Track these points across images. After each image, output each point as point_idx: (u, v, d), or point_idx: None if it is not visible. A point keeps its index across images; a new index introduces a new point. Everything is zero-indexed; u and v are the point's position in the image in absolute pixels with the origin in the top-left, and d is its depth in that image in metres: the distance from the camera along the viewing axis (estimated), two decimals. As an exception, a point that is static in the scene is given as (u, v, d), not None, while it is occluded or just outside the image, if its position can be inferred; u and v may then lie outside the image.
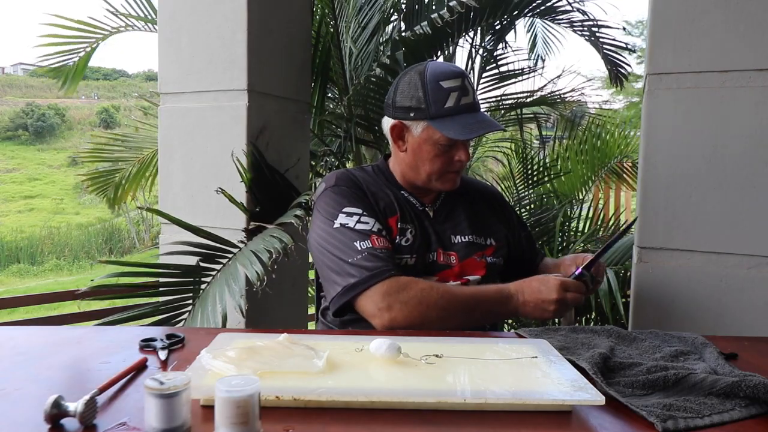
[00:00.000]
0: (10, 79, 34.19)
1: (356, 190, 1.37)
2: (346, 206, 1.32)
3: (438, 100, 1.32)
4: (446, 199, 1.46)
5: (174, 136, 2.10)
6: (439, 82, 1.32)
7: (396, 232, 1.34)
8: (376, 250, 1.25)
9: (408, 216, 1.38)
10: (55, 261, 14.15)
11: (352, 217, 1.30)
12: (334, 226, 1.30)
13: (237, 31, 1.96)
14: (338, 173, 1.43)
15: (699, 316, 1.56)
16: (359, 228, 1.28)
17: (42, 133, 26.94)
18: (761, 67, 1.48)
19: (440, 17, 2.43)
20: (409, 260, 1.33)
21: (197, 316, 1.65)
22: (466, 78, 1.35)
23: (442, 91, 1.32)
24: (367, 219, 1.31)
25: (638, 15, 16.35)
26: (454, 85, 1.32)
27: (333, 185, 1.38)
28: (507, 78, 3.78)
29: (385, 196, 1.39)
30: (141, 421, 0.70)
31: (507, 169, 3.71)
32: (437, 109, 1.32)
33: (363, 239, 1.26)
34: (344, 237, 1.28)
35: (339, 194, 1.35)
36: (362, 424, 0.74)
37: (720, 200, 1.53)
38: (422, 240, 1.37)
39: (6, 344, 1.03)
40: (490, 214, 1.51)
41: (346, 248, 1.26)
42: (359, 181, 1.40)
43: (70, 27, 3.14)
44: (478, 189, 1.58)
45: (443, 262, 1.37)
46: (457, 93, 1.31)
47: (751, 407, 0.80)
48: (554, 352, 0.96)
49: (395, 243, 1.33)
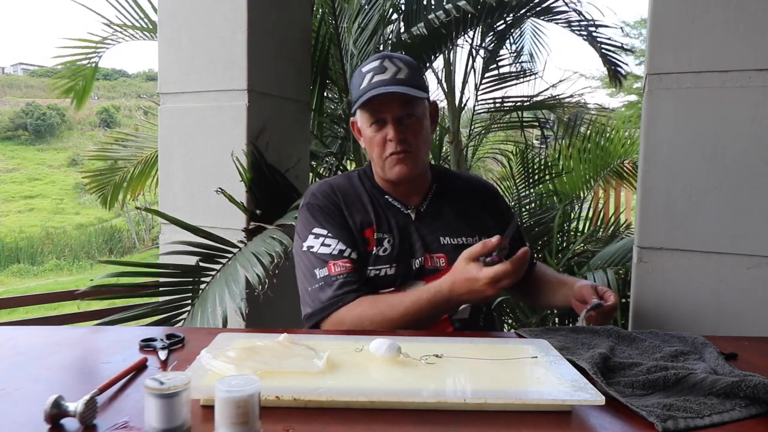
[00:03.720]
0: (10, 79, 34.19)
1: (330, 206, 1.36)
2: (315, 226, 1.34)
3: (356, 86, 1.34)
4: (434, 199, 1.43)
5: (174, 136, 2.11)
6: (360, 69, 1.35)
7: (373, 244, 1.34)
8: (331, 278, 1.28)
9: (386, 225, 1.36)
10: (55, 261, 14.15)
11: (318, 238, 1.33)
12: (303, 249, 1.34)
13: (237, 31, 1.96)
14: (317, 187, 1.42)
15: (699, 316, 1.56)
16: (321, 252, 1.31)
17: (42, 133, 26.93)
18: (761, 67, 1.48)
19: (438, 19, 2.44)
20: (388, 270, 1.33)
21: (197, 316, 1.65)
22: (387, 58, 1.33)
23: (360, 75, 1.34)
24: (330, 241, 1.31)
25: (636, 15, 16.33)
26: (372, 67, 1.33)
27: (308, 202, 1.39)
28: (507, 79, 3.79)
29: (362, 207, 1.37)
30: (141, 421, 0.70)
31: (507, 169, 3.71)
32: (356, 94, 1.34)
33: (321, 266, 1.29)
34: (308, 262, 1.32)
35: (311, 212, 1.36)
36: (362, 424, 0.74)
37: (720, 200, 1.52)
38: (402, 248, 1.35)
39: (6, 344, 1.03)
40: (481, 210, 1.47)
41: (308, 274, 1.31)
42: (336, 196, 1.38)
43: (76, 46, 3.26)
44: (470, 183, 1.53)
45: (431, 267, 1.35)
46: (372, 73, 1.32)
47: (751, 407, 0.80)
48: (554, 352, 0.96)
49: (372, 254, 1.33)
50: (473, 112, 3.89)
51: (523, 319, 2.82)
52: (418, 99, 1.33)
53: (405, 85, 1.30)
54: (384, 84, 1.29)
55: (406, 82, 1.31)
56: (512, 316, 2.96)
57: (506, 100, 3.83)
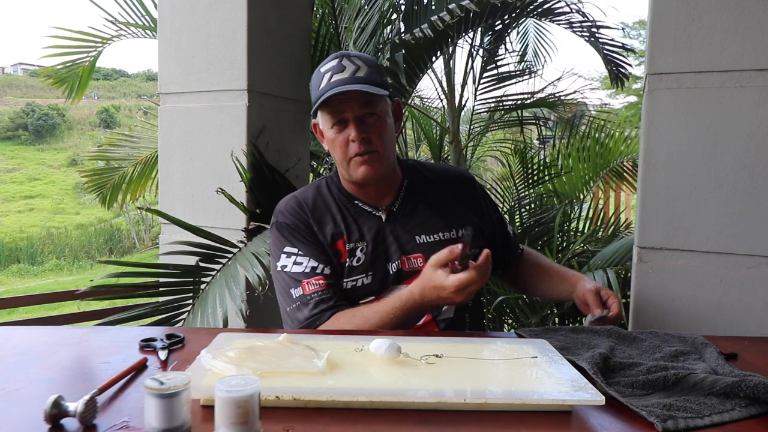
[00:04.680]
0: (10, 79, 34.19)
1: (298, 224, 1.34)
2: (286, 245, 1.33)
3: (315, 86, 1.31)
4: (406, 197, 1.39)
5: (174, 136, 2.11)
6: (319, 69, 1.32)
7: (345, 255, 1.32)
8: (306, 297, 1.27)
9: (357, 233, 1.33)
10: (55, 261, 14.14)
11: (290, 257, 1.31)
12: (277, 269, 1.33)
13: (237, 31, 1.96)
14: (283, 204, 1.39)
15: (699, 316, 1.56)
16: (294, 272, 1.30)
17: (42, 133, 26.93)
18: (761, 67, 1.48)
19: (440, 20, 2.44)
20: (364, 279, 1.31)
21: (197, 316, 1.66)
22: (345, 57, 1.30)
23: (319, 75, 1.31)
24: (302, 259, 1.30)
25: (636, 16, 16.32)
26: (330, 66, 1.30)
27: (276, 221, 1.37)
28: (506, 79, 3.79)
29: (331, 219, 1.34)
30: (141, 421, 0.70)
31: (506, 169, 3.71)
32: (315, 95, 1.31)
33: (296, 286, 1.29)
34: (283, 282, 1.31)
35: (280, 231, 1.35)
36: (362, 424, 0.74)
37: (720, 200, 1.52)
38: (376, 254, 1.32)
39: (6, 344, 1.03)
40: (457, 202, 1.42)
41: (285, 293, 1.31)
42: (304, 212, 1.35)
43: (72, 38, 3.21)
44: (443, 175, 1.48)
45: (409, 269, 1.32)
46: (330, 72, 1.29)
47: (751, 407, 0.80)
48: (554, 352, 0.96)
49: (346, 265, 1.31)
50: (472, 111, 3.90)
51: (523, 319, 2.82)
52: (378, 97, 1.29)
53: (364, 83, 1.26)
54: (343, 83, 1.26)
55: (366, 80, 1.27)
56: (512, 316, 2.96)
57: (505, 99, 3.83)
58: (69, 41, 3.21)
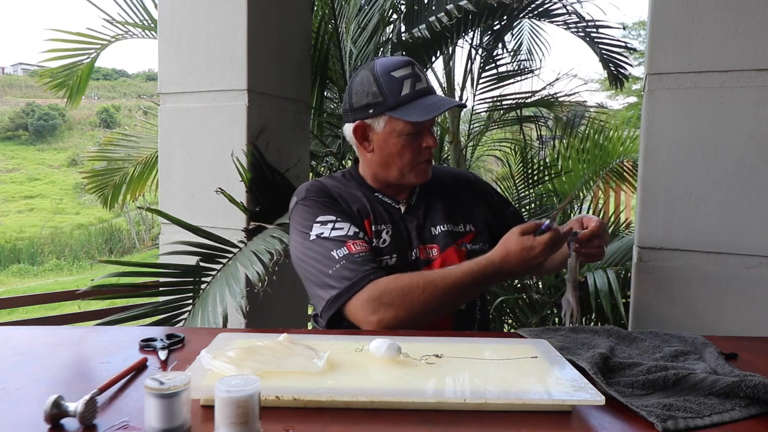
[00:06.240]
0: (10, 79, 34.17)
1: (326, 198, 1.36)
2: (319, 215, 1.31)
3: (393, 90, 1.31)
4: (422, 193, 1.44)
5: (174, 136, 2.11)
6: (390, 73, 1.33)
7: (371, 235, 1.34)
8: (354, 256, 1.24)
9: (381, 217, 1.37)
10: (55, 261, 14.14)
11: (326, 225, 1.30)
12: (311, 239, 1.29)
13: (237, 31, 1.96)
14: (307, 185, 1.41)
15: (699, 316, 1.56)
16: (334, 236, 1.27)
17: (42, 133, 26.92)
18: (761, 67, 1.48)
19: (439, 21, 2.44)
20: (389, 261, 1.32)
21: (197, 316, 1.65)
22: (415, 65, 1.34)
23: (395, 80, 1.32)
24: (341, 224, 1.29)
25: (635, 17, 16.32)
26: (406, 73, 1.32)
27: (303, 198, 1.37)
28: (505, 78, 3.80)
29: (357, 200, 1.37)
30: (141, 421, 0.70)
31: (507, 169, 3.71)
32: (395, 99, 1.31)
33: (339, 247, 1.25)
34: (321, 248, 1.27)
35: (310, 205, 1.34)
36: (362, 424, 0.74)
37: (720, 200, 1.53)
38: (400, 239, 1.36)
39: (6, 344, 1.03)
40: (467, 198, 1.48)
41: (324, 259, 1.26)
42: (329, 189, 1.38)
43: (71, 40, 3.20)
44: (452, 175, 1.55)
45: (424, 258, 1.36)
46: (411, 79, 1.32)
47: (751, 407, 0.80)
48: (554, 352, 0.96)
49: (373, 245, 1.32)
50: (472, 111, 3.90)
51: (523, 319, 2.82)
52: None
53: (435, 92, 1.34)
54: (430, 93, 1.33)
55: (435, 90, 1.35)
56: (512, 316, 2.96)
57: (504, 98, 3.83)
58: (68, 43, 3.20)
